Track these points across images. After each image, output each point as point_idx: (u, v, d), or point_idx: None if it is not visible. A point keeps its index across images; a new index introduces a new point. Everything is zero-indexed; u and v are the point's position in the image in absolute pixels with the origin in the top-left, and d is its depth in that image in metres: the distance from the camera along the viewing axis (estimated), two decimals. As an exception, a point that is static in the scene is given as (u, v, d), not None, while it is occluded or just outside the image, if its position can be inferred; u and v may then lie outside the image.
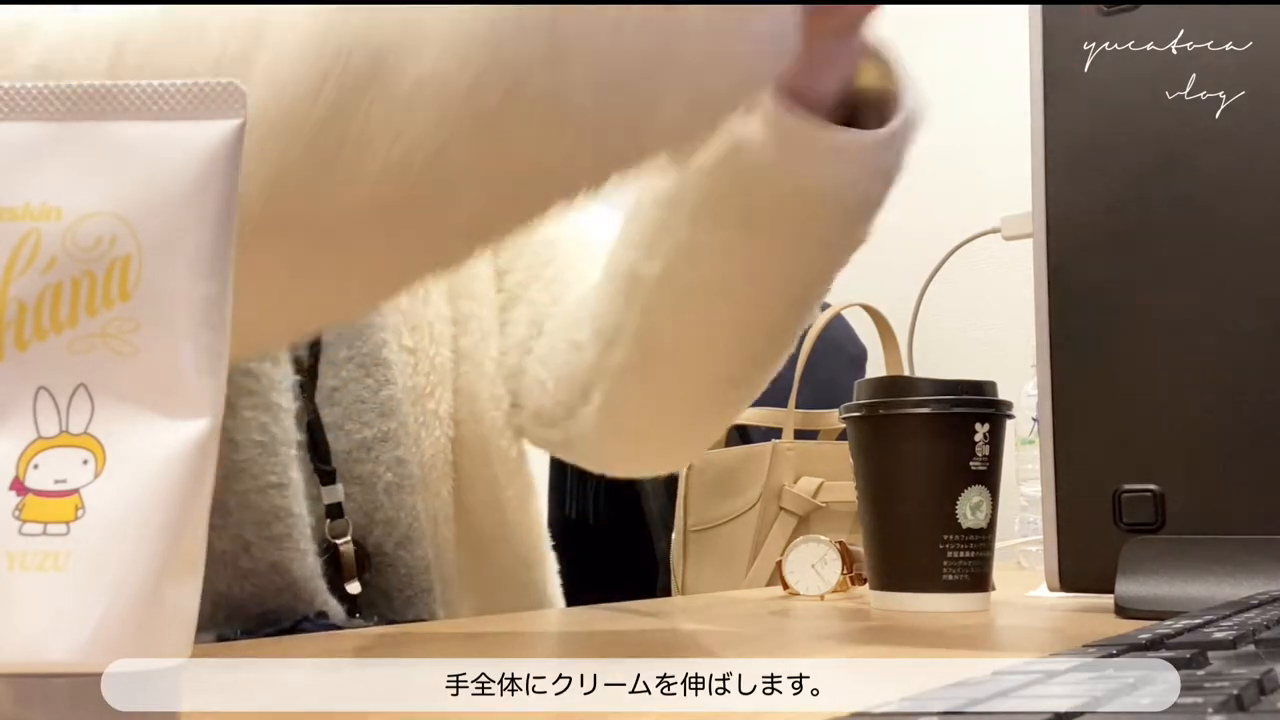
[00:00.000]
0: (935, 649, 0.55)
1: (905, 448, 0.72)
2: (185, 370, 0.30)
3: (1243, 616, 0.40)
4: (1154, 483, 0.69)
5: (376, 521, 0.77)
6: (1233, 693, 0.23)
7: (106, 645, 0.28)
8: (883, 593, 0.73)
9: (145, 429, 0.30)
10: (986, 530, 0.72)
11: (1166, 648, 0.32)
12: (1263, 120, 0.68)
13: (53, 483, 0.29)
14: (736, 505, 1.60)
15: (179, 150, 0.30)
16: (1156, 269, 0.70)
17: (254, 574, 0.71)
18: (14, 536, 0.29)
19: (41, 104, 0.30)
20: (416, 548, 0.78)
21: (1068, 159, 0.72)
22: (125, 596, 0.28)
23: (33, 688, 0.28)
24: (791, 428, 1.61)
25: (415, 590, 0.78)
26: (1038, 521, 0.92)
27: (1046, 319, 0.72)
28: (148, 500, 0.29)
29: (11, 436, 0.29)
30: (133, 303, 0.30)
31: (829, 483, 1.56)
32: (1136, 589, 0.66)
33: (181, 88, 0.31)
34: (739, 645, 0.58)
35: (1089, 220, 0.72)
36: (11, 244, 0.29)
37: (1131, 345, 0.70)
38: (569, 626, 0.70)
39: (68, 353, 0.30)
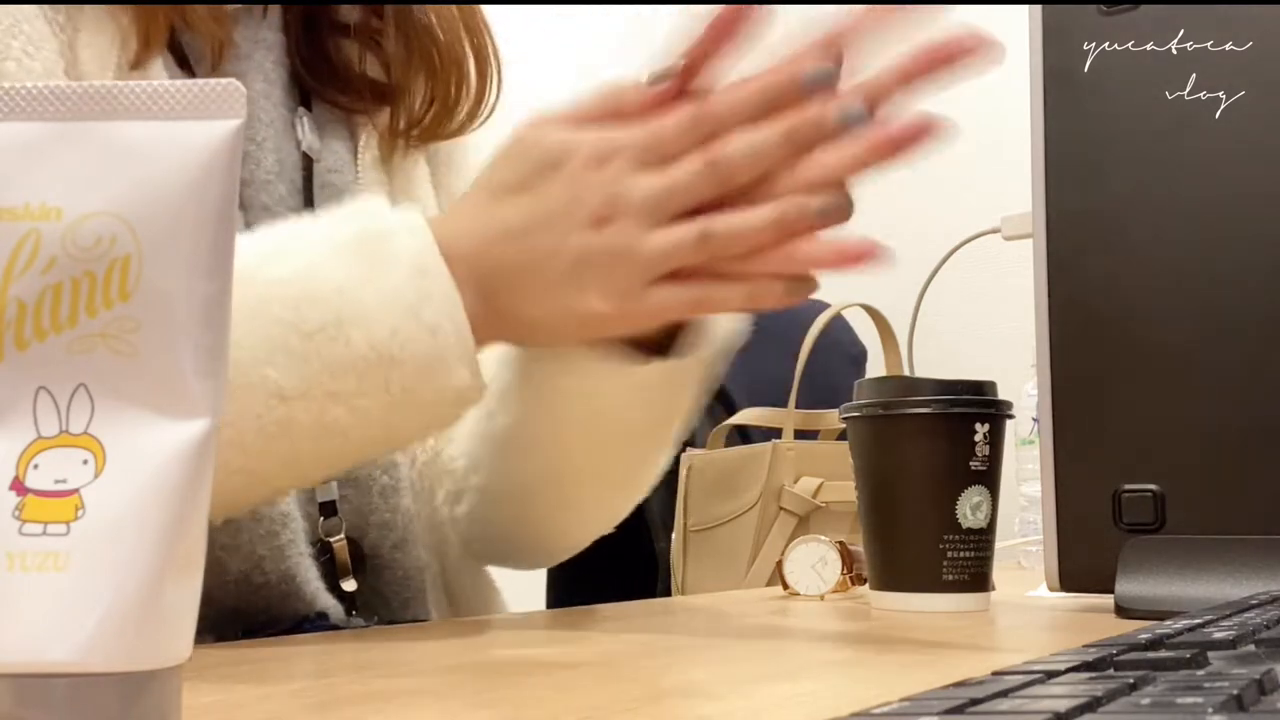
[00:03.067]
0: (935, 649, 0.55)
1: (905, 448, 0.72)
2: (185, 370, 0.30)
3: (1243, 616, 0.40)
4: (1154, 483, 0.69)
5: (372, 524, 0.77)
6: (1233, 693, 0.23)
7: (106, 645, 0.28)
8: (883, 593, 0.73)
9: (145, 429, 0.30)
10: (986, 530, 0.72)
11: (1166, 648, 0.32)
12: (1263, 120, 0.68)
13: (53, 483, 0.29)
14: (736, 505, 1.60)
15: (179, 150, 0.30)
16: (1156, 269, 0.70)
17: (265, 587, 0.71)
18: (14, 536, 0.29)
19: (41, 104, 0.30)
20: (413, 550, 0.78)
21: (1068, 159, 0.72)
22: (125, 597, 0.28)
23: (33, 688, 0.28)
24: (791, 428, 1.61)
25: (412, 592, 0.78)
26: (1038, 521, 0.92)
27: (1046, 319, 0.72)
28: (148, 500, 0.29)
29: (11, 436, 0.29)
30: (133, 303, 0.30)
31: (829, 483, 1.56)
32: (1136, 589, 0.66)
33: (181, 88, 0.31)
34: (739, 645, 0.58)
35: (1089, 220, 0.72)
36: (11, 244, 0.29)
37: (1131, 345, 0.70)
38: (569, 627, 0.70)
39: (68, 353, 0.30)
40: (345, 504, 0.76)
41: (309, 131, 0.79)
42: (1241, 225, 0.68)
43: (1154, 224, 0.70)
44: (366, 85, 0.82)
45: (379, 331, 0.60)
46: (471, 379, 0.62)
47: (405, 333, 0.60)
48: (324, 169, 0.79)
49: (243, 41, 0.77)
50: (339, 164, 0.80)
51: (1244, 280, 0.68)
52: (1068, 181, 0.72)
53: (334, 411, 0.60)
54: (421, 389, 0.61)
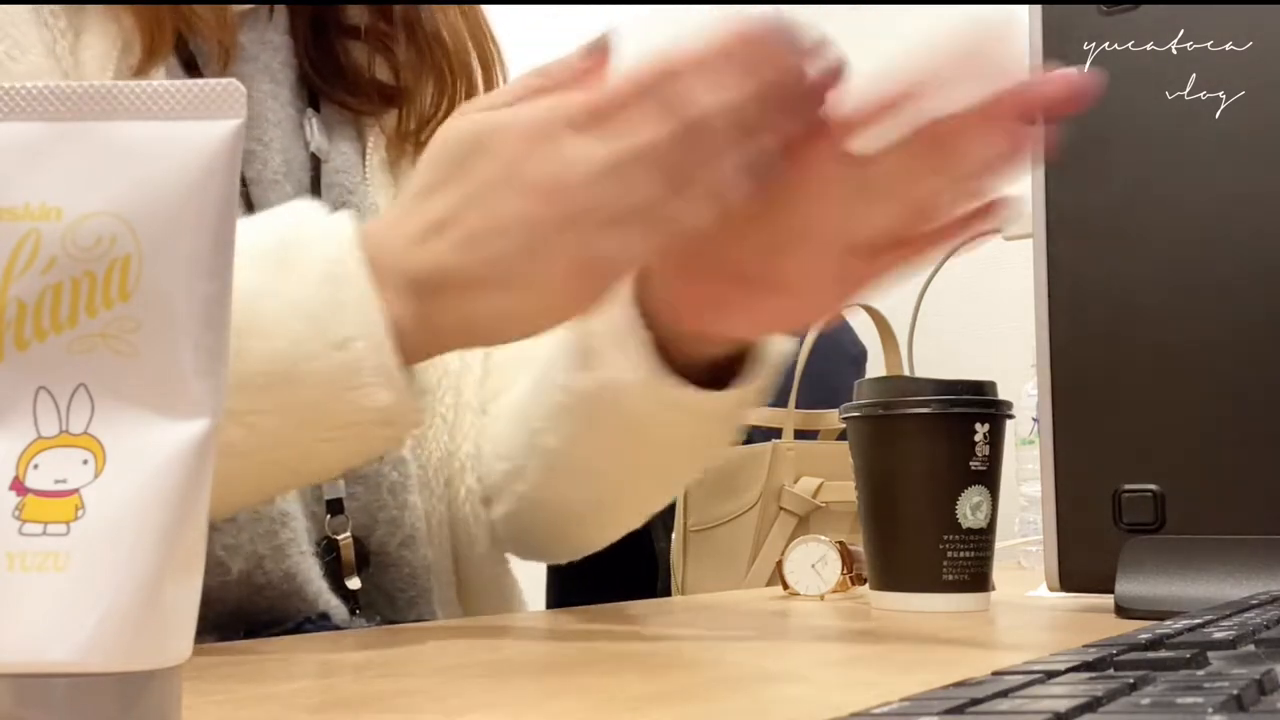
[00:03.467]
0: (935, 649, 0.55)
1: (905, 448, 0.72)
2: (185, 370, 0.30)
3: (1243, 616, 0.40)
4: (1154, 483, 0.69)
5: (380, 521, 0.76)
6: (1233, 693, 0.23)
7: (106, 645, 0.28)
8: (883, 593, 0.73)
9: (145, 429, 0.30)
10: (986, 530, 0.72)
11: (1166, 648, 0.32)
12: (1263, 120, 0.68)
13: (53, 483, 0.29)
14: (736, 505, 1.60)
15: (179, 150, 0.30)
16: (1156, 269, 0.70)
17: (267, 587, 0.71)
18: (14, 536, 0.29)
19: (41, 104, 0.30)
20: (420, 548, 0.78)
21: (1068, 159, 0.72)
22: (125, 597, 0.28)
23: (33, 688, 0.28)
24: (791, 428, 1.61)
25: (417, 591, 0.78)
26: (1038, 521, 0.92)
27: (1046, 319, 0.72)
28: (148, 500, 0.29)
29: (11, 436, 0.29)
30: (133, 303, 0.30)
31: (829, 483, 1.56)
32: (1136, 589, 0.66)
33: (181, 88, 0.31)
34: (739, 645, 0.58)
35: (1089, 220, 0.72)
36: (11, 244, 0.29)
37: (1131, 345, 0.70)
38: (569, 627, 0.70)
39: (68, 353, 0.30)
40: (353, 501, 0.76)
41: (317, 133, 0.79)
42: (1242, 225, 0.68)
43: (1154, 224, 0.70)
44: (375, 87, 0.82)
45: (278, 343, 0.55)
46: (394, 398, 0.56)
47: (306, 345, 0.55)
48: (331, 170, 0.79)
49: (249, 44, 0.77)
50: (347, 165, 0.80)
51: (1244, 280, 0.68)
52: (1068, 181, 0.72)
53: (231, 431, 0.53)
54: (330, 407, 0.56)
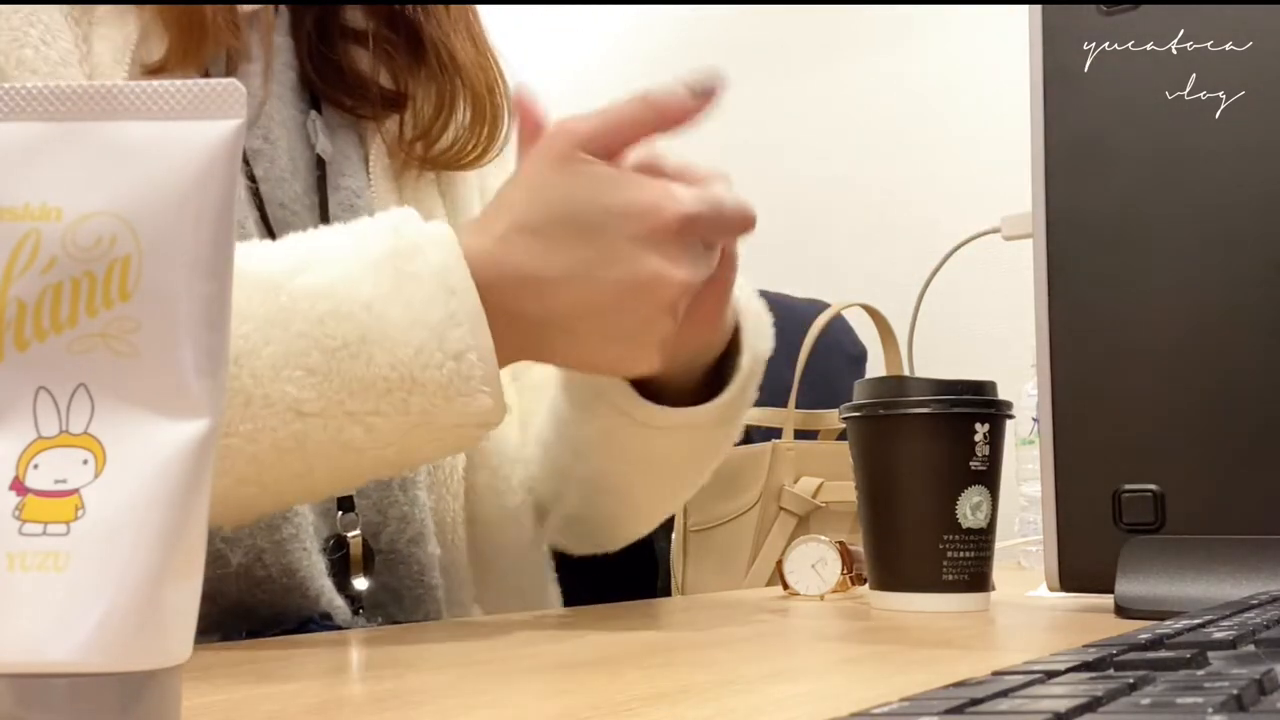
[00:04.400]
0: (935, 649, 0.55)
1: (905, 448, 0.72)
2: (185, 370, 0.30)
3: (1243, 616, 0.40)
4: (1154, 483, 0.69)
5: (390, 518, 0.76)
6: (1233, 693, 0.23)
7: (106, 645, 0.28)
8: (883, 593, 0.73)
9: (145, 429, 0.30)
10: (986, 530, 0.72)
11: (1166, 648, 0.32)
12: (1263, 120, 0.68)
13: (53, 483, 0.29)
14: (736, 505, 1.60)
15: (179, 150, 0.30)
16: (1156, 269, 0.70)
17: (267, 581, 0.71)
18: (14, 536, 0.29)
19: (42, 104, 0.30)
20: (429, 545, 0.78)
21: (1068, 159, 0.72)
22: (125, 597, 0.28)
23: (33, 688, 0.28)
24: (791, 428, 1.61)
25: (425, 588, 0.78)
26: (1038, 521, 0.92)
27: (1046, 319, 0.72)
28: (148, 500, 0.29)
29: (11, 436, 0.29)
30: (133, 303, 0.30)
31: (829, 483, 1.56)
32: (1136, 589, 0.66)
33: (181, 88, 0.31)
34: (739, 645, 0.58)
35: (1089, 220, 0.72)
36: (11, 244, 0.29)
37: (1131, 345, 0.70)
38: (569, 627, 0.70)
39: (68, 353, 0.30)
40: (363, 498, 0.76)
41: (321, 134, 0.80)
42: (1241, 225, 0.68)
43: (1154, 224, 0.70)
44: (376, 91, 0.82)
45: (402, 352, 0.59)
46: (493, 403, 0.61)
47: (428, 355, 0.59)
48: (336, 172, 0.80)
49: (252, 45, 0.78)
50: (351, 169, 0.81)
51: (1244, 280, 0.68)
52: (1068, 181, 0.72)
53: (351, 430, 0.60)
54: (442, 412, 0.60)
